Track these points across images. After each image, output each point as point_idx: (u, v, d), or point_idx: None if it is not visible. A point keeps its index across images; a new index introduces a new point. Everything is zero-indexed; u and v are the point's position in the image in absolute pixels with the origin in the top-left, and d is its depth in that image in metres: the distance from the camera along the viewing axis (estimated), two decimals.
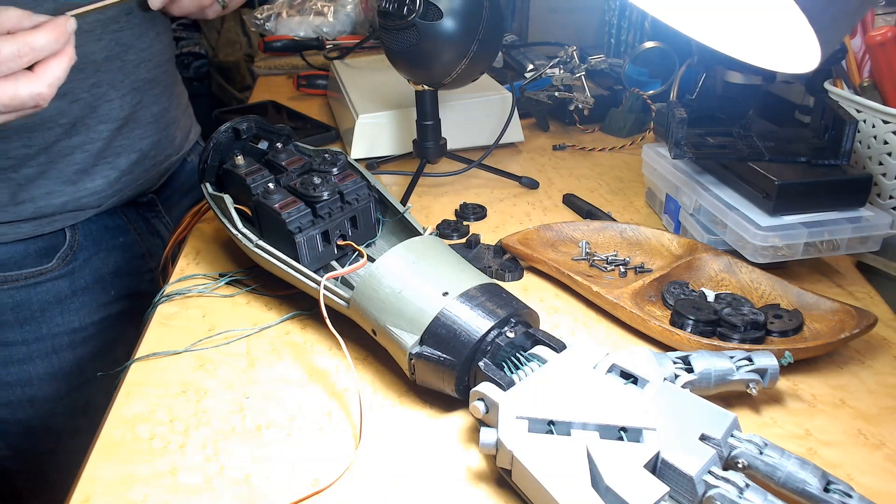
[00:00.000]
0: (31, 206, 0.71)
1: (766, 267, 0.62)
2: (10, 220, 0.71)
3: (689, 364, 0.49)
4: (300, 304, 0.63)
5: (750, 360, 0.49)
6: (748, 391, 0.49)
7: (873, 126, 0.67)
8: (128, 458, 0.47)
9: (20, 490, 0.88)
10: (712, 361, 0.49)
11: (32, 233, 0.73)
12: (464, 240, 0.72)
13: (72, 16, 0.52)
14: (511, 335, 0.49)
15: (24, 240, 0.73)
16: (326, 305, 0.53)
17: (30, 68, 0.52)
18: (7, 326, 0.75)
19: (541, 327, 0.53)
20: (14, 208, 0.71)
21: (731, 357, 0.49)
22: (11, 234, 0.72)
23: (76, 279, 0.77)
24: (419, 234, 0.61)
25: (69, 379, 0.80)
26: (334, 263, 0.62)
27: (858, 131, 0.67)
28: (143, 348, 0.58)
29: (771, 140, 0.67)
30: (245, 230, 0.61)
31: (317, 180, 0.60)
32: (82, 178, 0.74)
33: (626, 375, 0.47)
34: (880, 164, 0.67)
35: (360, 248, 0.59)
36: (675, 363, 0.49)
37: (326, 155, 0.63)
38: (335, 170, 0.62)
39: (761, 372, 0.49)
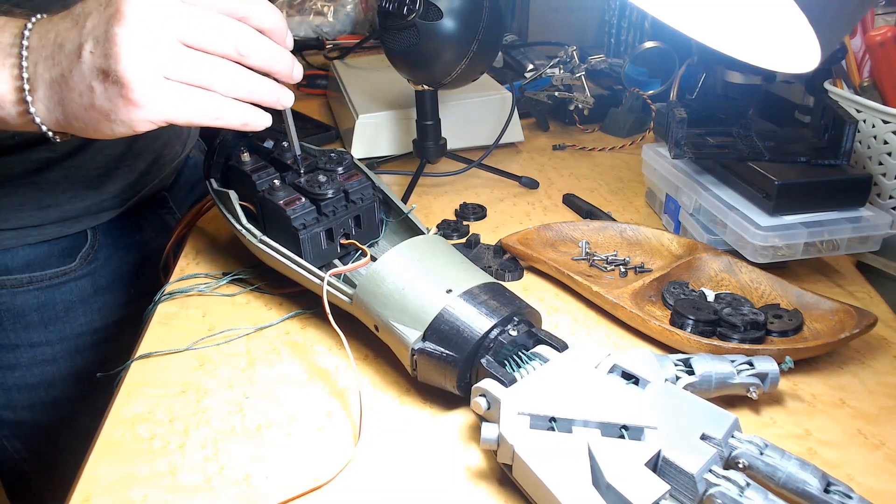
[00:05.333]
0: (56, 210, 0.72)
1: (766, 267, 0.62)
2: (36, 223, 0.71)
3: (690, 367, 0.49)
4: (300, 304, 0.63)
5: (751, 364, 0.49)
6: (748, 395, 0.49)
7: (873, 126, 0.67)
8: (128, 458, 0.47)
9: (38, 491, 0.87)
10: (713, 365, 0.49)
11: (57, 234, 0.73)
12: (464, 240, 0.72)
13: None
14: (514, 333, 0.49)
15: (48, 241, 0.73)
16: (328, 302, 0.53)
17: None
18: (32, 327, 0.75)
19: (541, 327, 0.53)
20: (39, 213, 0.71)
21: (733, 361, 0.49)
22: (37, 236, 0.72)
23: (98, 278, 0.78)
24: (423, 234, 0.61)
25: (92, 379, 0.80)
26: (336, 262, 0.62)
27: (858, 131, 0.67)
28: (143, 348, 0.58)
29: (771, 140, 0.67)
30: (249, 225, 0.61)
31: (322, 178, 0.60)
32: (104, 182, 0.74)
33: (628, 376, 0.47)
34: (880, 164, 0.67)
35: (364, 247, 0.60)
36: (676, 365, 0.49)
37: (332, 154, 0.64)
38: (340, 169, 0.62)
39: (762, 376, 0.49)
